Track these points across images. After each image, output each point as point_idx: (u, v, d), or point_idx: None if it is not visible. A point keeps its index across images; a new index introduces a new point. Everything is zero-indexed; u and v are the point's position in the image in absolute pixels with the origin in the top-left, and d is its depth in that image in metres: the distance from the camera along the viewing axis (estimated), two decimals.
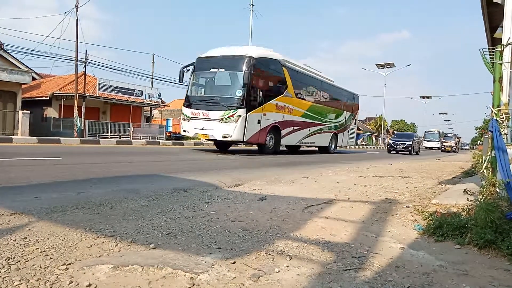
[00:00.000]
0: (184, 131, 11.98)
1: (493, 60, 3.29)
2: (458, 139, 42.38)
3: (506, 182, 2.74)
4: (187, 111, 11.75)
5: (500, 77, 3.24)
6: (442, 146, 38.96)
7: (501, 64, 3.23)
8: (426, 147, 46.61)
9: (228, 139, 11.11)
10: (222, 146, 13.55)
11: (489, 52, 3.44)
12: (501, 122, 3.18)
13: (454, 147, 38.15)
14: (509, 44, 3.33)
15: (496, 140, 2.95)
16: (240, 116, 10.79)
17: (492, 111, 3.24)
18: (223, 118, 10.84)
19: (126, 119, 23.41)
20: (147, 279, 1.77)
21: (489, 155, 3.16)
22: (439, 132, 47.69)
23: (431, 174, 8.48)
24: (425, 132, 49.41)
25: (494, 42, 6.52)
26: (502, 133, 3.11)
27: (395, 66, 46.49)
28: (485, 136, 3.38)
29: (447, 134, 43.65)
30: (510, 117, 3.39)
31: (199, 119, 11.37)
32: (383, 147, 46.19)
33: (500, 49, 3.25)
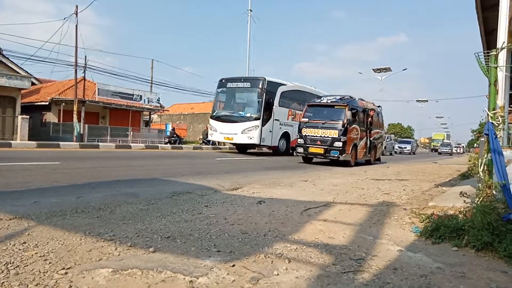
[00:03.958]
0: None
1: (488, 64, 3.33)
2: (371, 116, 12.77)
3: (502, 184, 2.76)
4: None
5: (495, 80, 3.27)
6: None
7: (496, 68, 3.27)
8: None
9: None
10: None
11: (484, 56, 3.48)
12: (496, 125, 3.21)
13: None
14: (503, 48, 3.37)
15: (492, 143, 2.98)
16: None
17: (488, 114, 3.28)
18: None
19: (125, 123, 23.38)
20: (146, 282, 1.78)
21: (485, 157, 3.19)
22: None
23: (428, 177, 8.50)
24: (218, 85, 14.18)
25: (489, 46, 6.60)
26: (498, 136, 3.14)
27: (391, 70, 46.16)
28: (481, 139, 3.41)
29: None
30: (506, 120, 3.42)
31: None
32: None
33: (495, 53, 3.29)
